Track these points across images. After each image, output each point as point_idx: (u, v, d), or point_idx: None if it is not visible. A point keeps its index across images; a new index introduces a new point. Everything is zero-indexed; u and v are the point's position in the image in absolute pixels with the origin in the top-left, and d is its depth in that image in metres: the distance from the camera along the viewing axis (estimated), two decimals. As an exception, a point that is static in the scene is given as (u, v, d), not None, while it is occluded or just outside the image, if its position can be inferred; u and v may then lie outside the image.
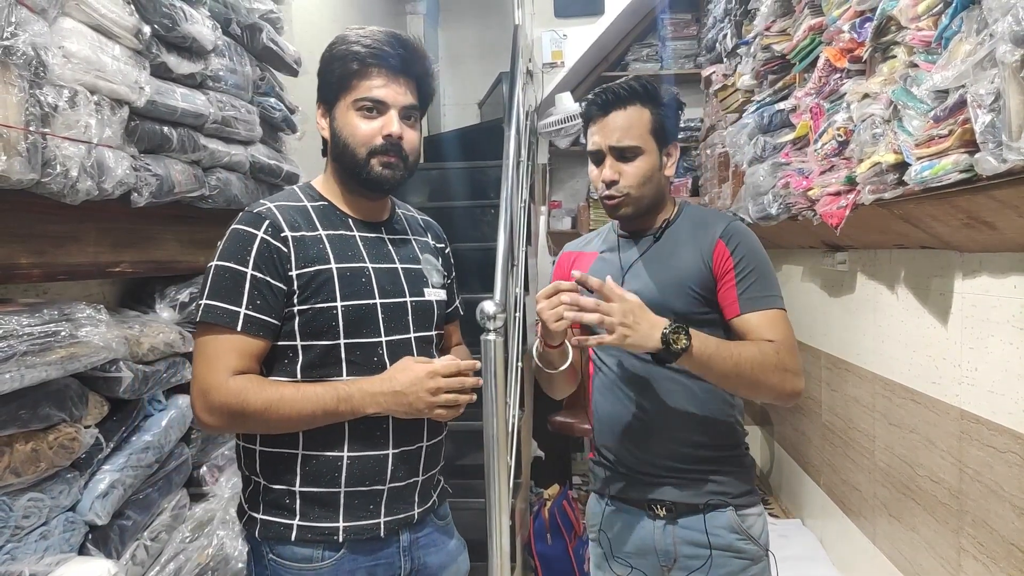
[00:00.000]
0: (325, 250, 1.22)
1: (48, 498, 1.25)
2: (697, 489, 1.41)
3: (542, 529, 3.17)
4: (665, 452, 1.41)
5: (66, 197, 1.22)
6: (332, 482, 1.21)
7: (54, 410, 1.24)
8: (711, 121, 3.97)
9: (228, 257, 1.17)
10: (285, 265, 1.18)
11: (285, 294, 1.19)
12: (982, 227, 1.60)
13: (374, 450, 1.23)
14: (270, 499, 1.22)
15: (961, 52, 1.36)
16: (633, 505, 1.46)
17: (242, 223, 1.20)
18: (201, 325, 1.17)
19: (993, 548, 1.73)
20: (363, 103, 1.22)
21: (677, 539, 1.41)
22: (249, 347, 1.16)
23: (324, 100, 1.27)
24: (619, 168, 1.40)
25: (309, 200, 1.28)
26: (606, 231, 1.59)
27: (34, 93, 1.13)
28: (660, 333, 1.21)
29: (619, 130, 1.39)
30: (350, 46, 1.22)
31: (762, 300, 1.35)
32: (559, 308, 1.27)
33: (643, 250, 1.46)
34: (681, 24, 4.57)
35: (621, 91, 1.39)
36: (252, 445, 1.24)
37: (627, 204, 1.42)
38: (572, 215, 4.80)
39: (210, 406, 1.14)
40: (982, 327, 1.75)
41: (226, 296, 1.15)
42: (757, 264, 1.37)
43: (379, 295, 1.24)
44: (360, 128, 1.22)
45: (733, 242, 1.38)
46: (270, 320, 1.18)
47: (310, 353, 1.20)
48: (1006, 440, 1.68)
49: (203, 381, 1.15)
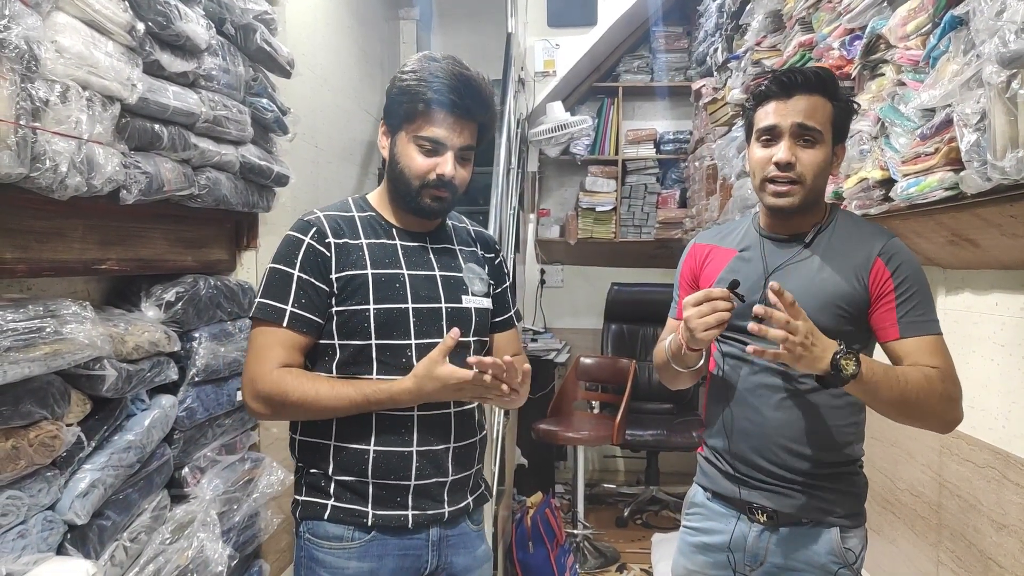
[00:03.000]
0: (363, 257, 1.31)
1: (27, 496, 1.23)
2: (802, 502, 1.36)
3: (524, 537, 3.16)
4: (775, 460, 1.37)
5: (55, 192, 1.21)
6: (360, 472, 1.29)
7: (36, 407, 1.22)
8: (700, 134, 4.00)
9: (279, 260, 1.30)
10: (327, 268, 1.29)
11: (327, 295, 1.29)
12: (966, 244, 1.62)
13: (398, 446, 1.30)
14: (309, 481, 1.33)
15: (948, 72, 1.38)
16: (734, 506, 1.43)
17: (294, 230, 1.32)
18: (254, 320, 1.29)
19: (971, 562, 1.75)
20: (423, 141, 1.29)
21: (770, 546, 1.39)
22: (294, 341, 1.27)
23: (388, 122, 1.34)
24: (796, 152, 1.30)
25: (358, 211, 1.37)
26: (745, 226, 1.48)
27: (25, 87, 1.12)
28: (831, 356, 1.17)
29: (803, 111, 1.29)
30: (420, 85, 1.27)
31: (923, 325, 1.29)
32: (708, 318, 1.24)
33: (790, 256, 1.37)
34: (673, 37, 4.61)
35: (810, 76, 1.31)
36: (295, 435, 1.35)
37: (797, 193, 1.31)
38: (561, 224, 4.82)
39: (255, 393, 1.26)
40: (964, 343, 1.78)
41: (275, 295, 1.27)
42: (919, 287, 1.30)
43: (412, 300, 1.31)
44: (416, 161, 1.30)
45: (894, 262, 1.30)
46: (313, 318, 1.28)
47: (345, 352, 1.30)
48: (985, 455, 1.70)
49: (251, 370, 1.27)
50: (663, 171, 4.73)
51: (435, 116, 1.28)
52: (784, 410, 1.36)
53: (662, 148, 4.69)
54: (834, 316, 1.31)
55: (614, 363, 4.17)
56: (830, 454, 1.36)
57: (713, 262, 1.47)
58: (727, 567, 1.43)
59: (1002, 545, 1.63)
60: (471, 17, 4.90)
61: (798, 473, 1.36)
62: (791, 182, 1.31)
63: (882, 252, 1.31)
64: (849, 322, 1.32)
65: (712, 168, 3.54)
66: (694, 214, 4.14)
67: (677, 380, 1.46)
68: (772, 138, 1.33)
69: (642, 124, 4.77)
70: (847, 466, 1.39)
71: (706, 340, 1.26)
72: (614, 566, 3.56)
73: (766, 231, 1.43)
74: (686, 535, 1.53)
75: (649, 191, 4.68)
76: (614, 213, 4.66)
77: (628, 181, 4.69)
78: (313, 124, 2.95)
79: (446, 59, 1.31)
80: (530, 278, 4.75)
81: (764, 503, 1.38)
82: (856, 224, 1.40)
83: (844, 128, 1.36)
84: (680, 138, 4.64)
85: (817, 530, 1.37)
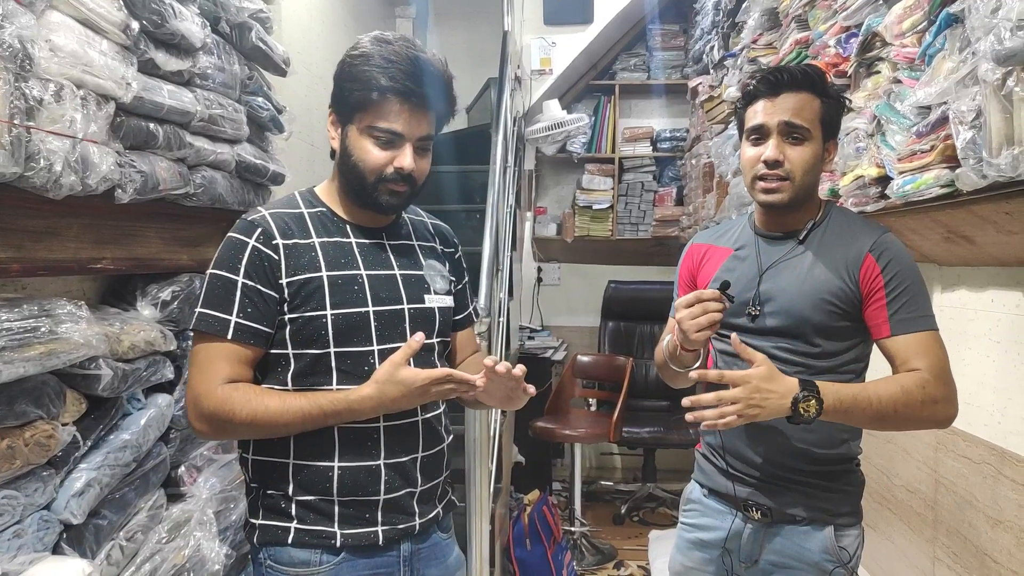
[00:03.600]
0: (317, 258, 1.20)
1: (23, 496, 1.23)
2: (797, 501, 1.37)
3: (521, 534, 3.16)
4: (772, 458, 1.37)
5: (49, 192, 1.20)
6: (325, 491, 1.19)
7: (31, 407, 1.22)
8: (696, 132, 4.00)
9: (221, 265, 1.18)
10: (276, 273, 1.18)
11: (276, 302, 1.18)
12: (961, 241, 1.62)
13: (365, 460, 1.21)
14: (268, 504, 1.22)
15: (944, 69, 1.38)
16: (730, 503, 1.43)
17: (236, 231, 1.20)
18: (195, 333, 1.18)
19: (967, 558, 1.75)
20: (379, 132, 1.18)
21: (765, 544, 1.39)
22: (240, 355, 1.16)
23: (337, 111, 1.24)
24: (784, 149, 1.31)
25: (307, 207, 1.26)
26: (741, 225, 1.49)
27: (19, 86, 1.11)
28: (790, 402, 1.17)
29: (791, 110, 1.30)
30: (373, 71, 1.16)
31: (914, 321, 1.28)
32: (700, 319, 1.24)
33: (783, 253, 1.38)
34: (669, 35, 4.61)
35: (796, 74, 1.32)
36: (246, 454, 1.24)
37: (787, 190, 1.32)
38: (557, 222, 4.82)
39: (200, 413, 1.15)
40: (960, 340, 1.78)
41: (218, 304, 1.16)
42: (910, 283, 1.29)
43: (372, 303, 1.22)
44: (372, 155, 1.19)
45: (884, 258, 1.30)
46: (261, 328, 1.17)
47: (301, 362, 1.19)
48: (981, 452, 1.71)
49: (195, 388, 1.16)
50: (660, 169, 4.73)
51: (391, 106, 1.17)
52: None
53: (659, 146, 4.69)
54: (826, 313, 1.31)
55: (611, 361, 4.18)
56: (826, 452, 1.37)
57: (710, 261, 1.48)
58: (723, 564, 1.44)
59: (997, 541, 1.63)
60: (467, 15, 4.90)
61: (793, 471, 1.37)
62: (780, 179, 1.32)
63: (872, 248, 1.31)
64: (843, 318, 1.32)
65: (709, 166, 3.54)
66: (691, 212, 4.14)
67: (677, 379, 1.47)
68: (761, 137, 1.34)
69: (639, 122, 4.77)
70: (843, 464, 1.40)
71: (699, 341, 1.26)
72: (611, 563, 3.57)
73: (761, 229, 1.44)
74: (683, 531, 1.53)
75: (646, 189, 4.68)
76: (611, 211, 4.66)
77: (625, 179, 4.69)
78: (309, 122, 2.94)
79: (400, 41, 1.20)
80: (527, 276, 4.75)
81: (759, 500, 1.39)
82: (850, 220, 1.40)
83: (834, 124, 1.37)
84: (677, 136, 4.64)
85: (812, 528, 1.37)
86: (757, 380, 1.17)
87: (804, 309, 1.32)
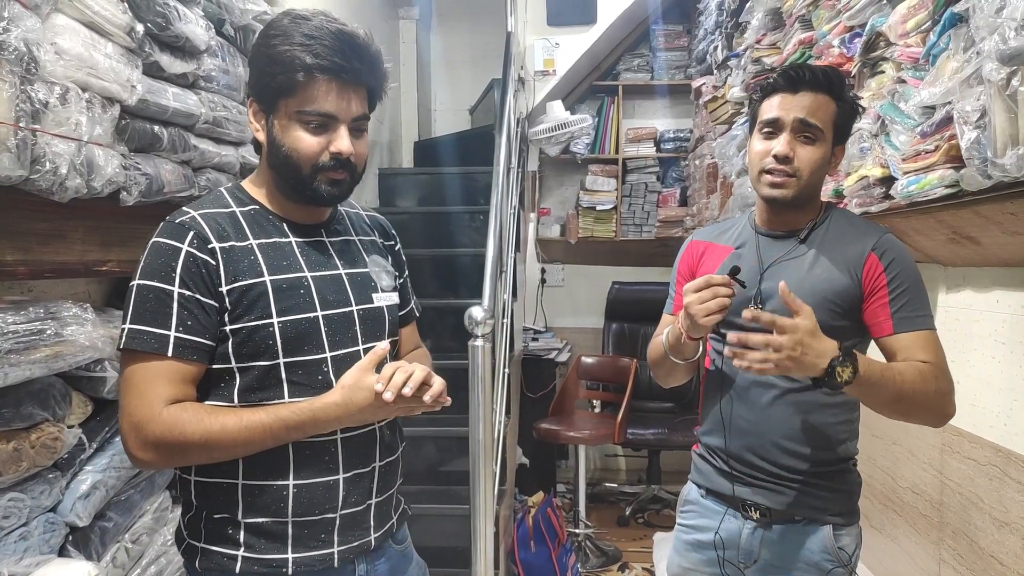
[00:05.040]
0: (257, 262, 1.10)
1: (29, 498, 1.23)
2: (795, 500, 1.37)
3: (526, 536, 3.16)
4: (769, 457, 1.37)
5: (55, 195, 1.21)
6: (278, 512, 1.10)
7: (37, 409, 1.23)
8: (700, 132, 4.00)
9: (151, 275, 1.05)
10: (215, 280, 1.06)
11: (217, 312, 1.07)
12: (966, 242, 1.62)
13: (323, 476, 1.12)
14: (212, 528, 1.11)
15: (948, 69, 1.38)
16: (728, 503, 1.43)
17: (163, 236, 1.07)
18: (127, 353, 1.04)
19: (973, 560, 1.75)
20: (309, 117, 1.08)
21: (764, 543, 1.39)
22: (182, 373, 1.05)
23: (259, 99, 1.12)
24: (795, 147, 1.32)
25: (238, 205, 1.15)
26: (742, 223, 1.49)
27: (25, 89, 1.12)
28: (827, 363, 1.15)
29: (807, 108, 1.31)
30: (294, 49, 1.05)
31: (916, 320, 1.29)
32: (710, 303, 1.23)
33: (784, 252, 1.38)
34: (672, 35, 4.60)
35: (818, 74, 1.32)
36: (187, 475, 1.12)
37: (792, 187, 1.32)
38: (561, 223, 4.82)
39: (144, 441, 1.02)
40: (965, 341, 1.78)
41: (152, 319, 1.03)
42: (912, 282, 1.31)
43: (320, 307, 1.13)
44: (305, 142, 1.09)
45: (887, 257, 1.31)
46: (204, 342, 1.06)
47: (248, 375, 1.09)
48: (987, 453, 1.70)
49: (135, 415, 1.03)
50: (663, 170, 4.73)
51: (319, 85, 1.07)
52: (778, 407, 1.36)
53: (662, 147, 4.69)
54: (827, 312, 1.31)
55: (615, 362, 4.17)
56: (824, 452, 1.37)
57: (709, 260, 1.48)
58: (721, 564, 1.44)
59: (1004, 543, 1.63)
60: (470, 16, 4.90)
61: (791, 471, 1.37)
62: (787, 175, 1.32)
63: (875, 247, 1.32)
64: (843, 317, 1.32)
65: (712, 166, 3.54)
66: (695, 212, 4.14)
67: (672, 375, 1.46)
68: (773, 131, 1.34)
69: (642, 123, 4.76)
70: (840, 464, 1.40)
71: (707, 326, 1.26)
72: (616, 565, 3.56)
73: (762, 227, 1.44)
74: (680, 532, 1.53)
75: (649, 190, 4.67)
76: (615, 212, 4.65)
77: (628, 180, 4.69)
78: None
79: (317, 16, 1.09)
80: (531, 277, 4.75)
81: (757, 500, 1.39)
82: (850, 221, 1.41)
83: (846, 129, 1.37)
84: (680, 136, 4.63)
85: (810, 528, 1.37)
86: (803, 333, 1.14)
87: None
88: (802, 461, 1.36)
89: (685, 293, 1.27)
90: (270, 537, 1.10)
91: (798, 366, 1.15)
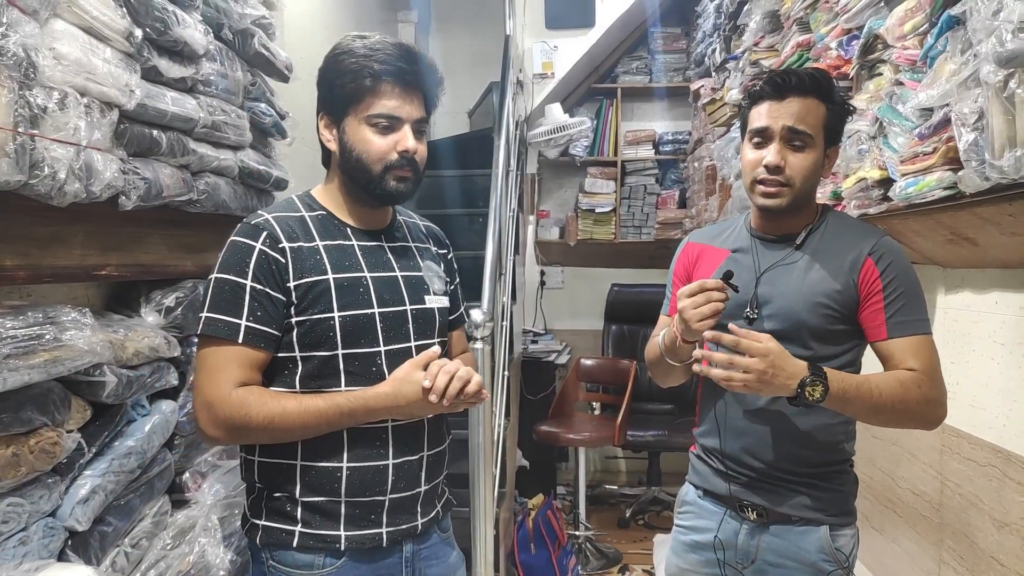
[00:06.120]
0: (322, 261, 1.22)
1: (28, 503, 1.23)
2: (792, 501, 1.37)
3: (526, 539, 3.16)
4: (765, 458, 1.38)
5: (53, 199, 1.21)
6: (332, 492, 1.21)
7: (36, 414, 1.22)
8: (699, 134, 4.00)
9: (227, 269, 1.18)
10: (283, 276, 1.19)
11: (284, 305, 1.19)
12: (965, 243, 1.62)
13: (373, 461, 1.23)
14: (272, 506, 1.23)
15: (946, 71, 1.38)
16: (725, 503, 1.44)
17: (240, 235, 1.21)
18: (203, 338, 1.18)
19: (973, 561, 1.75)
20: (377, 119, 1.21)
21: (761, 544, 1.39)
22: (251, 359, 1.17)
23: (330, 112, 1.25)
24: (785, 155, 1.31)
25: (307, 210, 1.28)
26: (738, 227, 1.49)
27: (23, 94, 1.12)
28: (796, 384, 1.18)
29: (795, 115, 1.30)
30: (360, 60, 1.19)
31: (910, 325, 1.29)
32: (703, 308, 1.25)
33: (781, 256, 1.38)
34: (671, 38, 4.61)
35: (804, 79, 1.32)
36: (251, 456, 1.25)
37: (786, 195, 1.32)
38: (560, 225, 4.82)
39: (214, 419, 1.15)
40: (964, 342, 1.78)
41: (226, 308, 1.16)
42: (908, 286, 1.30)
43: (377, 304, 1.24)
44: (375, 144, 1.21)
45: (884, 261, 1.31)
46: (271, 331, 1.18)
47: (308, 364, 1.21)
48: (986, 454, 1.70)
49: (207, 394, 1.15)
50: (662, 172, 4.73)
51: (385, 89, 1.20)
52: (774, 408, 1.36)
53: (661, 149, 4.69)
54: (823, 316, 1.32)
55: (615, 364, 4.17)
56: (820, 453, 1.37)
57: (706, 262, 1.48)
58: (719, 565, 1.44)
59: (1004, 544, 1.63)
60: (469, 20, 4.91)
61: (788, 471, 1.37)
62: (780, 184, 1.32)
63: (872, 251, 1.32)
64: (840, 321, 1.33)
65: (711, 168, 3.54)
66: (693, 215, 4.14)
67: (669, 376, 1.47)
68: (763, 140, 1.34)
69: (641, 125, 4.77)
70: (837, 465, 1.40)
71: (700, 331, 1.27)
72: (616, 567, 3.56)
73: (758, 231, 1.44)
74: (678, 533, 1.53)
75: (648, 192, 4.68)
76: (613, 214, 4.66)
77: (627, 182, 4.69)
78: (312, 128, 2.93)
79: (374, 34, 1.23)
80: (530, 280, 4.75)
81: (754, 501, 1.39)
82: (847, 224, 1.41)
83: (838, 131, 1.37)
84: (679, 139, 4.64)
85: (807, 529, 1.37)
86: (775, 355, 1.18)
87: (801, 312, 1.33)
88: (798, 462, 1.37)
89: (679, 298, 1.28)
90: (325, 515, 1.21)
91: (767, 388, 1.19)
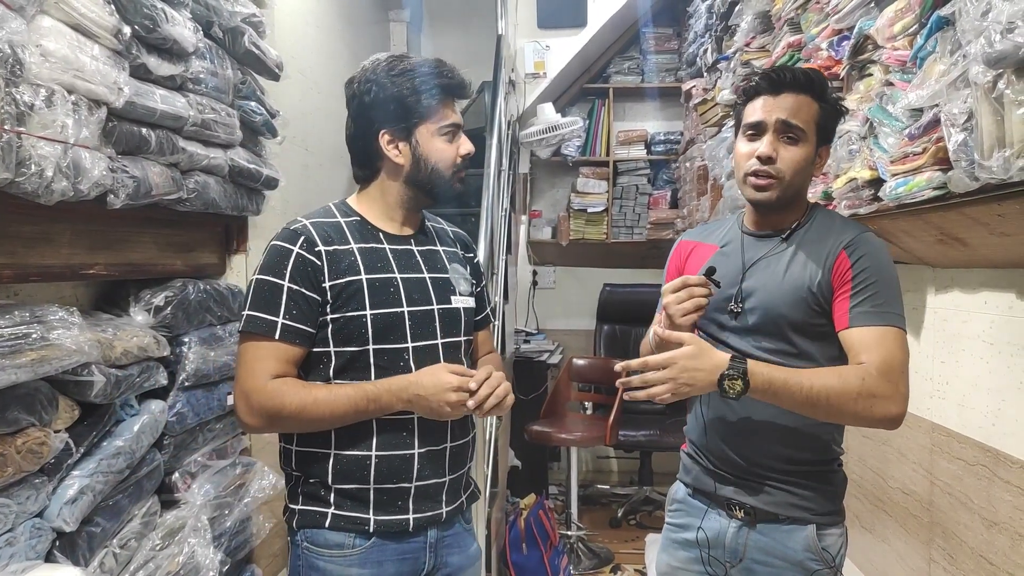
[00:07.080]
0: (356, 262, 1.31)
1: (15, 504, 1.22)
2: (780, 499, 1.38)
3: (518, 539, 3.16)
4: (753, 457, 1.38)
5: (40, 197, 1.20)
6: (362, 479, 1.30)
7: (23, 414, 1.21)
8: (690, 135, 4.01)
9: (267, 271, 1.28)
10: (319, 277, 1.28)
11: (319, 304, 1.29)
12: (954, 243, 1.63)
13: (400, 450, 1.32)
14: (307, 491, 1.33)
15: (935, 72, 1.38)
16: (713, 501, 1.44)
17: (280, 239, 1.30)
18: (243, 334, 1.28)
19: (962, 559, 1.76)
20: (448, 129, 1.35)
21: (749, 542, 1.40)
22: (287, 353, 1.27)
23: (398, 128, 1.34)
24: (778, 148, 1.33)
25: (343, 216, 1.37)
26: (730, 224, 1.52)
27: (10, 91, 1.11)
28: (717, 379, 1.21)
29: (789, 109, 1.33)
30: (425, 78, 1.33)
31: (873, 316, 1.28)
32: (686, 303, 1.28)
33: (767, 250, 1.40)
34: (663, 38, 4.62)
35: (799, 75, 1.34)
36: (289, 445, 1.35)
37: (776, 188, 1.34)
38: (552, 225, 4.82)
39: (251, 408, 1.25)
40: (953, 342, 1.79)
41: (265, 307, 1.26)
42: (878, 278, 1.30)
43: (407, 303, 1.33)
44: (447, 152, 1.35)
45: (857, 253, 1.32)
46: (306, 328, 1.28)
47: (341, 358, 1.30)
48: (975, 453, 1.71)
49: (244, 385, 1.26)
50: (654, 172, 4.74)
51: (449, 103, 1.35)
52: (761, 407, 1.36)
53: (653, 149, 4.70)
54: (805, 309, 1.33)
55: (607, 364, 4.17)
56: (807, 452, 1.38)
57: (696, 258, 1.50)
58: (701, 562, 1.45)
59: (993, 542, 1.64)
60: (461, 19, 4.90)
61: (774, 470, 1.38)
62: (770, 176, 1.34)
63: (848, 244, 1.33)
64: (820, 315, 1.34)
65: (703, 168, 3.55)
66: (685, 215, 4.14)
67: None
68: (757, 133, 1.36)
69: (633, 125, 4.77)
70: (825, 464, 1.40)
71: (684, 326, 1.29)
72: (608, 567, 3.56)
73: (748, 227, 1.47)
74: (668, 531, 1.54)
75: (640, 192, 4.68)
76: (606, 214, 4.66)
77: (619, 182, 4.69)
78: (303, 127, 2.94)
79: (411, 55, 1.38)
80: (522, 279, 4.75)
81: (741, 499, 1.40)
82: (832, 220, 1.43)
83: (830, 130, 1.39)
84: (671, 139, 4.65)
85: (793, 527, 1.38)
86: (683, 359, 1.21)
87: (781, 306, 1.34)
88: (785, 460, 1.37)
89: (664, 294, 1.31)
90: (355, 500, 1.31)
91: (694, 388, 1.21)
